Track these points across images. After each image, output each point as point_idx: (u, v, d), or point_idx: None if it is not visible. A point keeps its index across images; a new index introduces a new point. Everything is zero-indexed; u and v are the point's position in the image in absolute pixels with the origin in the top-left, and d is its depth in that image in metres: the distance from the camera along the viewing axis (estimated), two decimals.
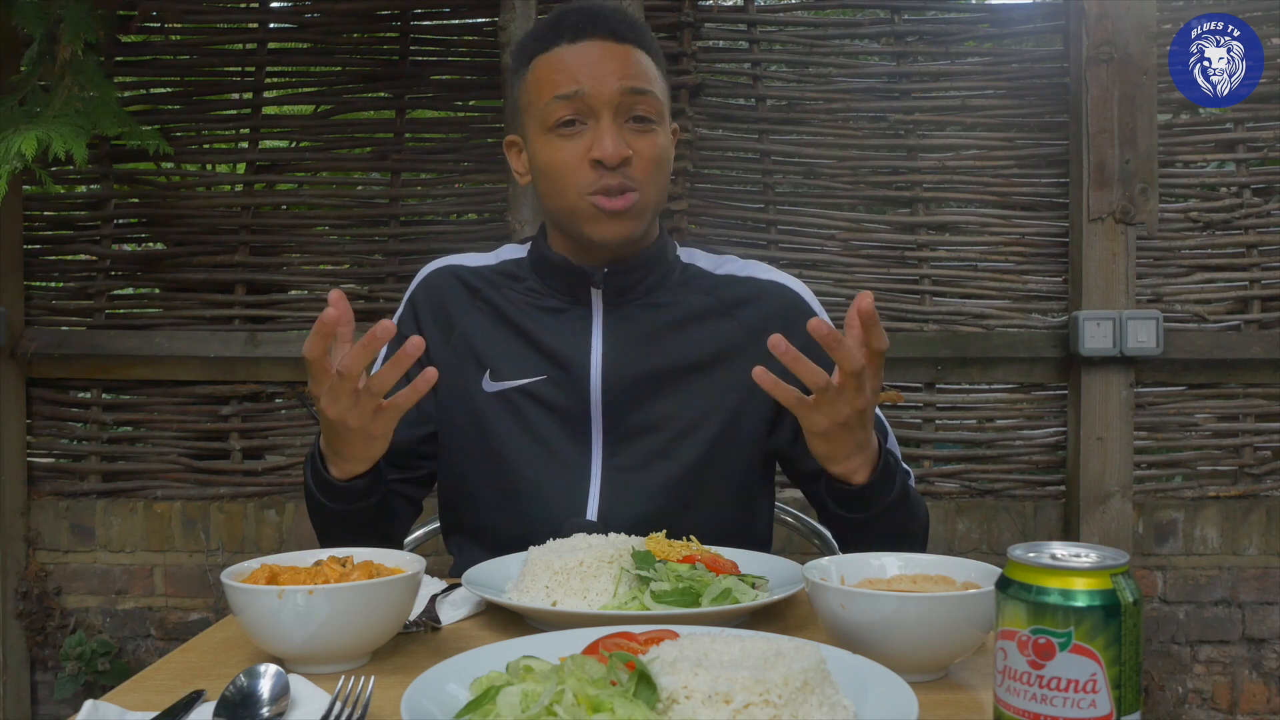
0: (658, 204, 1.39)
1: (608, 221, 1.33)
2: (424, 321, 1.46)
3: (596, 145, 1.31)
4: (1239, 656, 2.88)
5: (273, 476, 3.01)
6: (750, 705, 0.70)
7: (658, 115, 1.35)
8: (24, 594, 2.97)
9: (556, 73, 1.33)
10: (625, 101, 1.32)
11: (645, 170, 1.34)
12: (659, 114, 1.36)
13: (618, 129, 1.32)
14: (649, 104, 1.34)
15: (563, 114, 1.32)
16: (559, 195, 1.36)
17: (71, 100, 2.44)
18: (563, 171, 1.34)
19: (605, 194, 1.32)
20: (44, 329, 3.01)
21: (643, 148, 1.34)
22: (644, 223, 1.37)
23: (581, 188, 1.33)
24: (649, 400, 1.38)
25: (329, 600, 0.91)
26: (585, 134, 1.33)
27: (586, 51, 1.33)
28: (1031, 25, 2.98)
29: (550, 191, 1.37)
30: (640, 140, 1.34)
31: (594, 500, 1.35)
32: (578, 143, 1.33)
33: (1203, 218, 2.91)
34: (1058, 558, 0.71)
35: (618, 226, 1.34)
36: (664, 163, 1.37)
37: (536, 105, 1.35)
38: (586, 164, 1.32)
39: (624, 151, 1.31)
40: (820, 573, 1.00)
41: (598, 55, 1.33)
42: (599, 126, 1.32)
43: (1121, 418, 2.80)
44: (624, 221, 1.34)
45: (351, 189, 3.16)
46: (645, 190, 1.34)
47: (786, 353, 1.11)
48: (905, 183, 2.98)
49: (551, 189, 1.36)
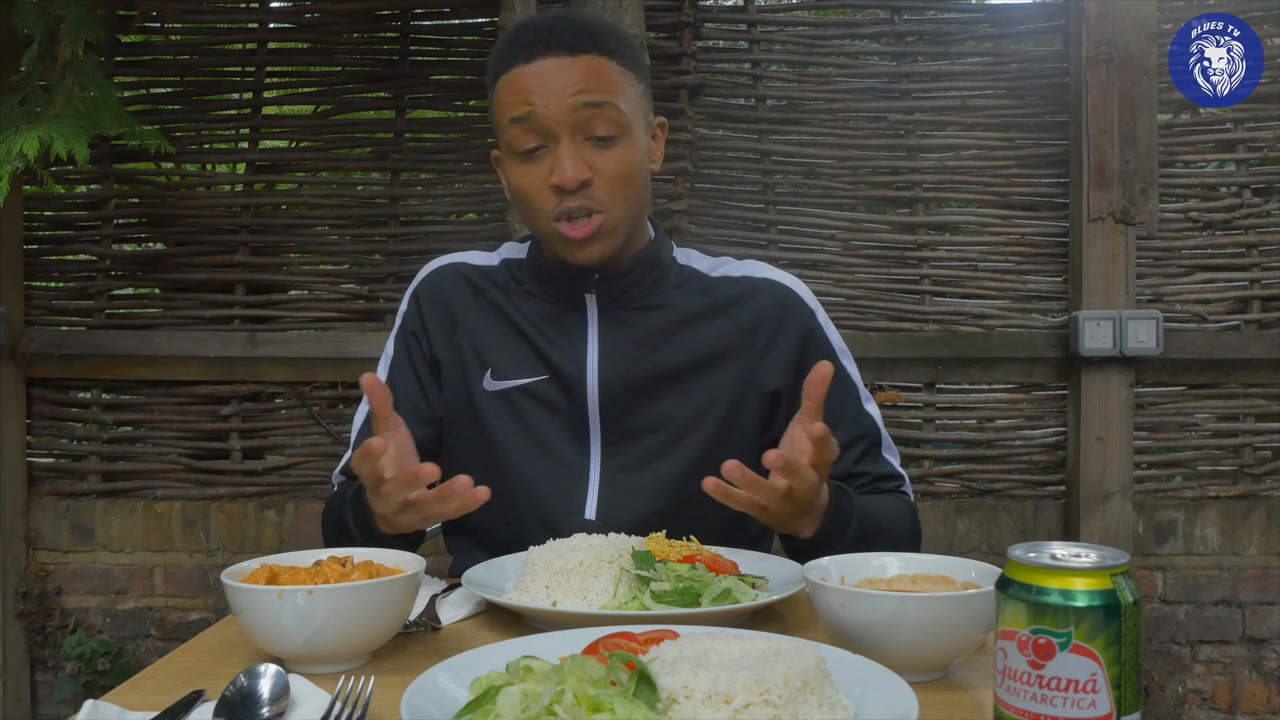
0: (633, 215, 1.36)
1: (575, 248, 1.33)
2: (428, 317, 1.46)
3: (556, 170, 1.29)
4: (1239, 656, 2.88)
5: (273, 476, 3.01)
6: (750, 705, 0.70)
7: (620, 128, 1.32)
8: (24, 594, 2.97)
9: (513, 94, 1.32)
10: (580, 118, 1.29)
11: (609, 190, 1.31)
12: (622, 125, 1.32)
13: (577, 149, 1.30)
14: (607, 116, 1.31)
15: (522, 138, 1.31)
16: (530, 219, 1.36)
17: (72, 100, 2.44)
18: (529, 197, 1.33)
19: (568, 219, 1.31)
20: (44, 329, 3.01)
21: (605, 165, 1.31)
22: (616, 240, 1.35)
23: (547, 214, 1.32)
24: (645, 403, 1.38)
25: (329, 600, 0.91)
26: (547, 157, 1.31)
27: (541, 70, 1.30)
28: (1031, 25, 2.98)
29: (524, 215, 1.38)
30: (602, 157, 1.31)
31: (592, 500, 1.36)
32: (540, 166, 1.32)
33: (1203, 218, 2.91)
34: (1058, 558, 0.71)
35: (586, 251, 1.33)
36: (632, 176, 1.34)
37: (501, 127, 1.35)
38: (548, 189, 1.31)
39: (582, 174, 1.29)
40: (820, 573, 1.00)
41: (551, 72, 1.30)
42: (558, 150, 1.30)
43: (1121, 418, 2.80)
44: (592, 245, 1.33)
45: (351, 189, 3.16)
46: (611, 210, 1.32)
47: (742, 478, 1.10)
48: (905, 183, 2.98)
49: (524, 212, 1.37)
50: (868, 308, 2.95)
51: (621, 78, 1.33)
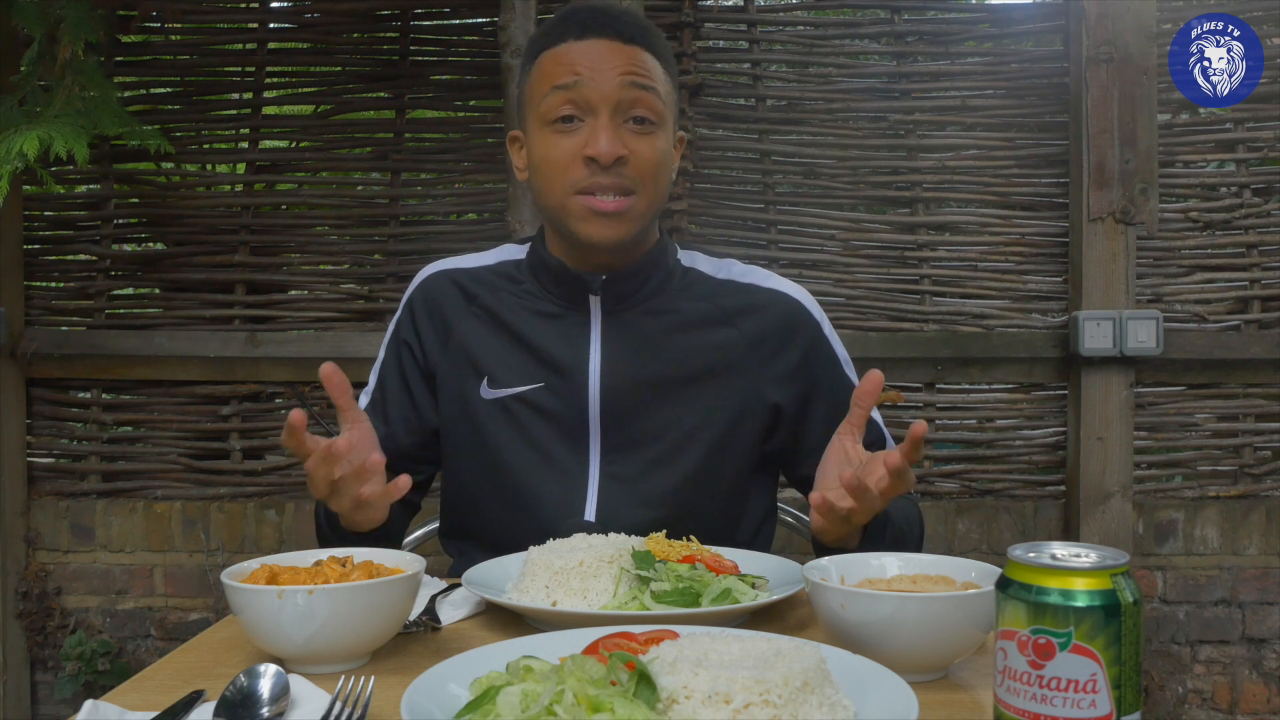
0: (654, 209, 1.37)
1: (597, 221, 1.31)
2: (421, 326, 1.45)
3: (591, 142, 1.29)
4: (1239, 656, 2.88)
5: (273, 476, 3.01)
6: (750, 705, 0.70)
7: (659, 117, 1.33)
8: (24, 594, 2.97)
9: (558, 65, 1.32)
10: (625, 98, 1.30)
11: (642, 172, 1.32)
12: (660, 116, 1.33)
13: (615, 128, 1.30)
14: (650, 103, 1.32)
15: (561, 106, 1.31)
16: (551, 191, 1.34)
17: (72, 100, 2.44)
18: (556, 167, 1.32)
19: (598, 192, 1.31)
20: (44, 329, 3.01)
21: (641, 149, 1.32)
22: (637, 227, 1.34)
23: (573, 184, 1.31)
24: (647, 408, 1.37)
25: (329, 600, 0.91)
26: (582, 131, 1.31)
27: (591, 48, 1.32)
28: (1031, 25, 2.98)
29: (543, 187, 1.36)
30: (639, 142, 1.32)
31: (591, 508, 1.35)
32: (574, 139, 1.31)
33: (1203, 218, 2.91)
34: (1058, 558, 0.71)
35: (607, 228, 1.32)
36: (663, 167, 1.35)
37: (537, 98, 1.34)
38: (580, 160, 1.30)
39: (619, 150, 1.29)
40: (820, 573, 1.00)
41: (602, 52, 1.31)
42: (596, 123, 1.30)
43: (1121, 418, 2.80)
44: (615, 223, 1.32)
45: (351, 189, 3.16)
46: (641, 193, 1.32)
47: (821, 504, 1.14)
48: (905, 183, 2.98)
49: (545, 184, 1.35)
50: (868, 308, 2.95)
51: (663, 76, 1.35)
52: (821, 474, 1.25)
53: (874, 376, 1.18)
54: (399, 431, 1.45)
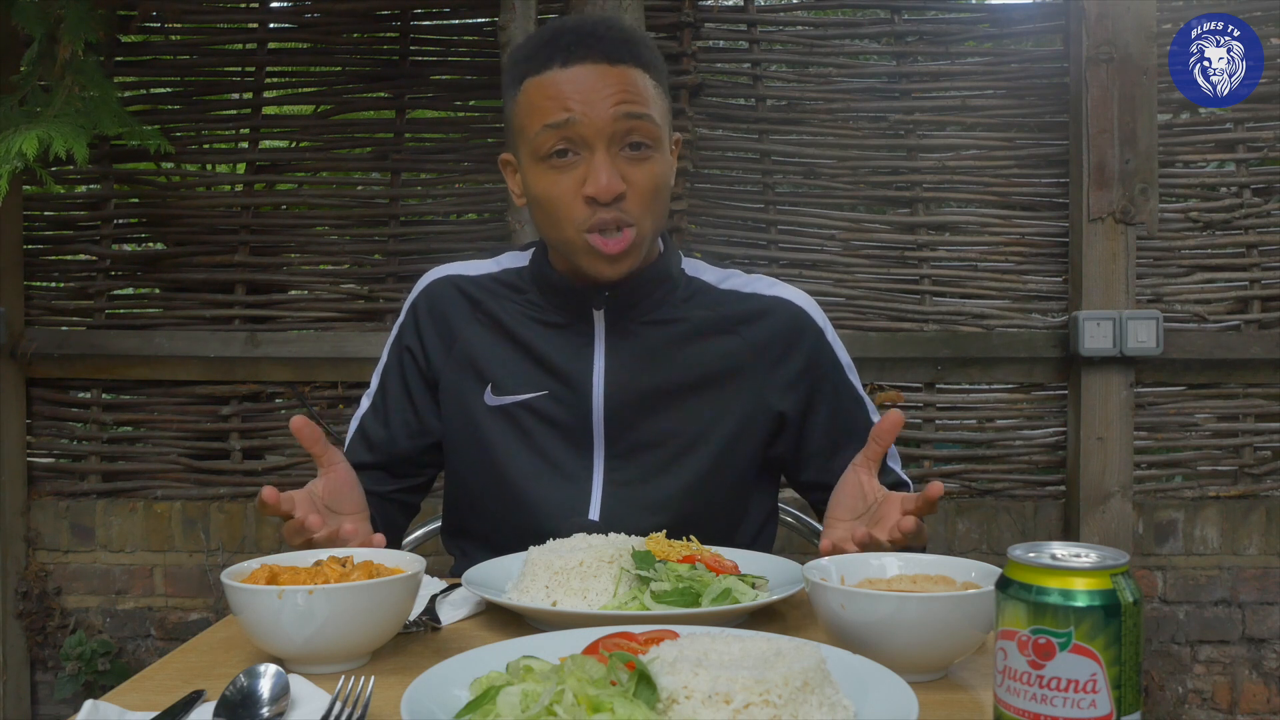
0: (657, 230, 1.35)
1: (604, 263, 1.30)
2: (425, 332, 1.45)
3: (590, 180, 1.26)
4: (1239, 656, 2.88)
5: (273, 476, 3.00)
6: (750, 705, 0.70)
7: (654, 140, 1.30)
8: (24, 594, 2.97)
9: (547, 99, 1.28)
10: (619, 129, 1.27)
11: (641, 202, 1.29)
12: (656, 139, 1.30)
13: (612, 160, 1.27)
14: (645, 129, 1.28)
15: (554, 144, 1.27)
16: (554, 228, 1.32)
17: (72, 100, 2.44)
18: (557, 205, 1.29)
19: (601, 231, 1.28)
20: (44, 329, 3.01)
21: (638, 178, 1.29)
22: (640, 255, 1.33)
23: (577, 224, 1.28)
24: (651, 416, 1.37)
25: (329, 600, 0.91)
26: (579, 166, 1.28)
27: (579, 76, 1.27)
28: (1031, 25, 2.98)
29: (546, 223, 1.33)
30: (636, 170, 1.29)
31: (594, 514, 1.35)
32: (571, 175, 1.28)
33: (1203, 218, 2.91)
34: (1058, 558, 0.70)
35: (614, 268, 1.30)
36: (662, 190, 1.32)
37: (527, 132, 1.30)
38: (580, 199, 1.27)
39: (618, 187, 1.26)
40: (820, 573, 1.00)
41: (591, 80, 1.27)
42: (593, 159, 1.27)
43: (1121, 418, 2.80)
44: (623, 261, 1.30)
45: (351, 189, 3.16)
46: (642, 223, 1.30)
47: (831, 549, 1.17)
48: (905, 183, 2.98)
49: (547, 221, 1.33)
50: (868, 308, 2.95)
51: (654, 91, 1.32)
52: (835, 504, 1.25)
53: (894, 417, 1.20)
54: (399, 436, 1.45)
